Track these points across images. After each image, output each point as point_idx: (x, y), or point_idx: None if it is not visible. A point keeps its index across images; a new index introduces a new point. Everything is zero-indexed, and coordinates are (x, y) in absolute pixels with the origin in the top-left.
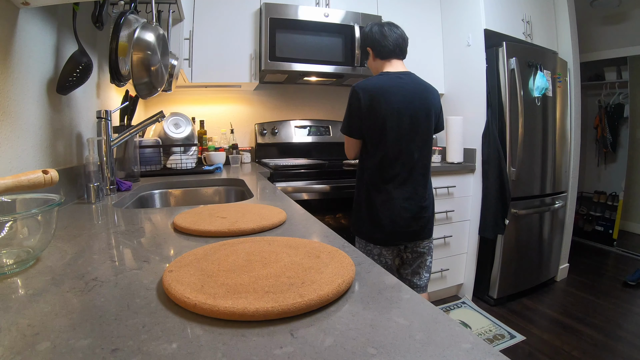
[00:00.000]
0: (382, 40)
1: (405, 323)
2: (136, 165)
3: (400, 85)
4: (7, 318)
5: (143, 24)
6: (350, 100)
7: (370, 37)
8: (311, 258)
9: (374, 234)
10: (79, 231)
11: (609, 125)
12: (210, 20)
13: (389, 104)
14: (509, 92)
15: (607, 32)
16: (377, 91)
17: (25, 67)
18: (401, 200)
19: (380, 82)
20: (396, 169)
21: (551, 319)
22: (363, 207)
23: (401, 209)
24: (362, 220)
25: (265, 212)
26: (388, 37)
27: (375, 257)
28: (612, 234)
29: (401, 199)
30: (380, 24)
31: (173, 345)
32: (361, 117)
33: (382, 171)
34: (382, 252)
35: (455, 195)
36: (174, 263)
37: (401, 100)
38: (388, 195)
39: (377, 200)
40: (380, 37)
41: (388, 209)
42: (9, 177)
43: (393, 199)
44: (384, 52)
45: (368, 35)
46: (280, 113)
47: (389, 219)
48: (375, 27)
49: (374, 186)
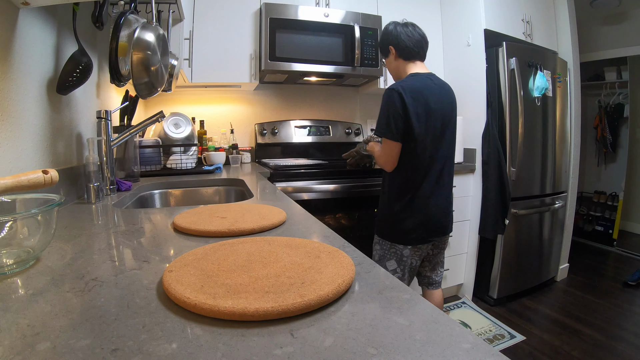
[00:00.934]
0: (407, 41)
1: (405, 323)
2: (136, 165)
3: (431, 87)
4: (7, 318)
5: (143, 24)
6: (390, 101)
7: (394, 36)
8: (311, 258)
9: (408, 235)
10: (79, 231)
11: (609, 125)
12: (210, 20)
13: (427, 104)
14: (509, 92)
15: (607, 32)
16: (416, 92)
17: (25, 67)
18: (436, 198)
19: (416, 83)
20: (432, 168)
21: (551, 319)
22: (396, 209)
23: (436, 206)
24: (394, 223)
25: (265, 212)
26: (412, 38)
27: (405, 258)
28: (612, 234)
29: (436, 197)
30: (404, 23)
31: (173, 345)
32: (404, 119)
33: (419, 171)
34: (411, 253)
35: (455, 195)
36: (174, 263)
37: (436, 101)
38: (424, 194)
39: (414, 200)
40: (405, 38)
41: (425, 207)
42: (9, 177)
43: (429, 197)
44: (408, 53)
45: (392, 34)
46: (280, 113)
47: (425, 217)
48: (399, 27)
49: (409, 187)
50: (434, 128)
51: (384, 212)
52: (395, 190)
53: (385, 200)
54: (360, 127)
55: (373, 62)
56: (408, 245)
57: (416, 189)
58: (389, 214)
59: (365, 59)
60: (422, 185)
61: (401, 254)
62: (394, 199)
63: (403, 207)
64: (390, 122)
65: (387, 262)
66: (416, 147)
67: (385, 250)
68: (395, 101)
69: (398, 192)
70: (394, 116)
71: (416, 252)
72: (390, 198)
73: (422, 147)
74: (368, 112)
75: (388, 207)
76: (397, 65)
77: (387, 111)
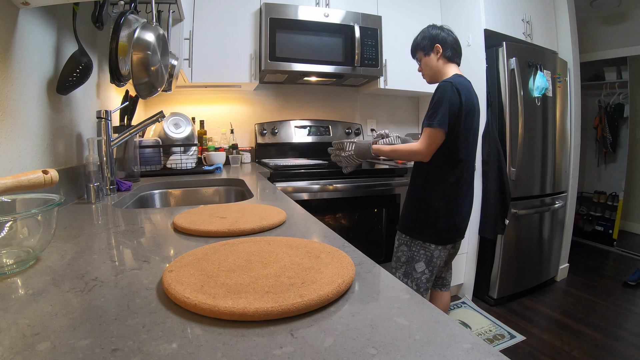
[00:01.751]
0: (455, 45)
1: (405, 323)
2: (136, 165)
3: (473, 89)
4: (7, 318)
5: (143, 24)
6: (448, 95)
7: (443, 38)
8: (311, 258)
9: (442, 234)
10: (79, 231)
11: (609, 125)
12: (210, 20)
13: (474, 104)
14: (509, 92)
15: (607, 32)
16: (465, 90)
17: (25, 67)
18: (470, 198)
19: (465, 82)
20: (468, 167)
21: (551, 319)
22: (431, 208)
23: (469, 207)
24: (428, 220)
25: (265, 212)
26: (456, 42)
27: (435, 259)
28: (612, 234)
29: (469, 197)
30: (448, 29)
31: (173, 345)
32: (457, 114)
33: (459, 170)
34: (441, 252)
35: None
36: (174, 263)
37: (476, 103)
38: (462, 194)
39: (456, 199)
40: (453, 41)
41: (462, 207)
42: (9, 177)
43: (465, 197)
44: (454, 55)
45: (440, 35)
46: (280, 113)
47: (460, 217)
48: (445, 30)
49: (447, 185)
50: (474, 128)
51: (417, 209)
52: (430, 188)
53: (419, 197)
54: (360, 127)
55: (373, 62)
56: (440, 245)
57: (455, 188)
58: (424, 210)
59: (365, 59)
60: (462, 185)
61: (431, 255)
62: (431, 196)
63: (441, 205)
64: (443, 114)
65: (415, 264)
66: (459, 146)
67: (415, 252)
68: (451, 95)
69: (435, 191)
70: (450, 109)
71: (444, 252)
72: (426, 195)
73: (465, 145)
74: (368, 112)
75: (423, 204)
76: (435, 64)
77: (446, 104)
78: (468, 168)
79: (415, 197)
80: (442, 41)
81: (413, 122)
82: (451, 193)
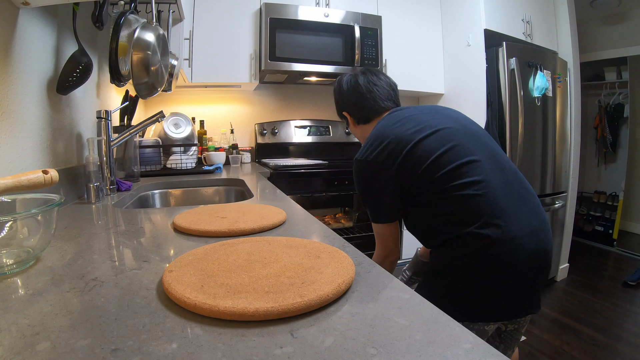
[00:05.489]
0: (364, 96)
1: (405, 323)
2: (136, 165)
3: (408, 113)
4: (7, 318)
5: (143, 24)
6: (366, 175)
7: (345, 101)
8: (311, 258)
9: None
10: (79, 231)
11: (609, 125)
12: (210, 20)
13: (420, 122)
14: (509, 92)
15: (607, 32)
16: (393, 127)
17: (25, 67)
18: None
19: (389, 122)
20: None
21: (551, 319)
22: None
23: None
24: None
25: (265, 212)
26: (369, 87)
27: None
28: (612, 234)
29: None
30: (352, 75)
31: (173, 345)
32: (398, 176)
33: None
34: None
35: None
36: (174, 263)
37: (424, 114)
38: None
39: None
40: (360, 94)
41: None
42: (9, 177)
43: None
44: (370, 110)
45: (342, 100)
46: (280, 113)
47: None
48: (347, 83)
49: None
50: (444, 139)
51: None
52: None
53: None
54: None
55: (373, 62)
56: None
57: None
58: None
59: (365, 59)
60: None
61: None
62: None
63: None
64: (379, 199)
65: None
66: (438, 185)
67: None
68: (371, 167)
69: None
70: (380, 186)
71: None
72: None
73: (445, 177)
74: None
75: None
76: (361, 130)
77: (365, 185)
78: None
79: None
80: (345, 106)
81: None
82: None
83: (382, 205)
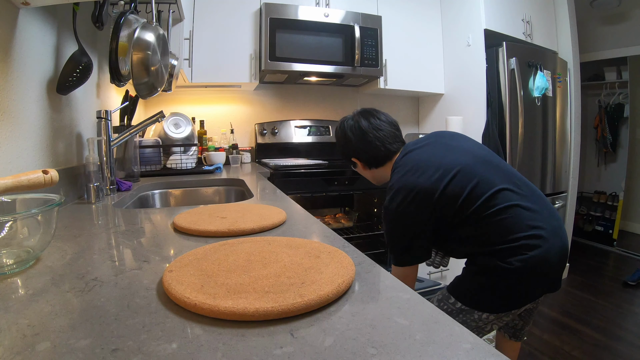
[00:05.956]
0: (374, 143)
1: (405, 323)
2: (136, 165)
3: (430, 150)
4: (7, 318)
5: (143, 24)
6: (398, 222)
7: (354, 146)
8: (311, 258)
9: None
10: (79, 231)
11: (609, 125)
12: (210, 20)
13: (440, 167)
14: (509, 92)
15: (607, 32)
16: (419, 175)
17: (25, 67)
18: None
19: (412, 165)
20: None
21: (551, 319)
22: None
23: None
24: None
25: (265, 212)
26: (376, 131)
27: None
28: (612, 234)
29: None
30: (356, 118)
31: (173, 345)
32: (430, 219)
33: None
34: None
35: None
36: (174, 263)
37: (443, 157)
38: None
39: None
40: (370, 141)
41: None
42: (9, 177)
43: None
44: (381, 156)
45: (349, 145)
46: (280, 113)
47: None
48: (351, 129)
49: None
50: (464, 167)
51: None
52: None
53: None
54: None
55: (373, 62)
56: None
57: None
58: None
59: (365, 59)
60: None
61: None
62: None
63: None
64: (406, 241)
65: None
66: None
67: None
68: (404, 215)
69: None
70: (413, 227)
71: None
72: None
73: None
74: None
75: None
76: (372, 173)
77: (396, 231)
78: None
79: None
80: (354, 153)
81: (413, 122)
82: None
83: (409, 251)
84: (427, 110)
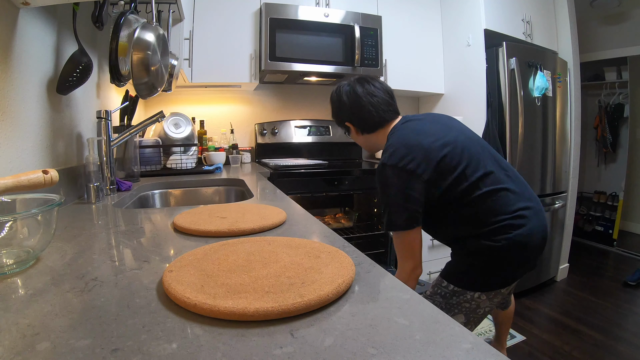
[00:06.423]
0: (368, 107)
1: (405, 323)
2: (136, 165)
3: (427, 120)
4: (7, 318)
5: (143, 24)
6: (394, 182)
7: (348, 111)
8: (311, 258)
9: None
10: (79, 231)
11: (609, 125)
12: (210, 20)
13: (438, 138)
14: (509, 92)
15: (607, 32)
16: (418, 138)
17: (25, 67)
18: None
19: (410, 131)
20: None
21: (551, 319)
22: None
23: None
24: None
25: (265, 212)
26: (372, 95)
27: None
28: (612, 234)
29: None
30: (351, 84)
31: (173, 345)
32: (427, 183)
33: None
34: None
35: None
36: (174, 263)
37: (439, 131)
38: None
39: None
40: (365, 104)
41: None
42: (9, 177)
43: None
44: (378, 119)
45: (343, 109)
46: (280, 113)
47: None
48: (347, 94)
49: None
50: (460, 144)
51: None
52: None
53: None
54: None
55: (373, 62)
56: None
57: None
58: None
59: (366, 59)
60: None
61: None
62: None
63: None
64: (402, 205)
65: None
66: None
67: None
68: (400, 175)
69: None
70: (408, 193)
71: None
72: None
73: (464, 180)
74: None
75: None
76: (365, 139)
77: (392, 191)
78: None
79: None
80: (347, 117)
81: None
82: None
83: (404, 211)
84: (427, 110)
